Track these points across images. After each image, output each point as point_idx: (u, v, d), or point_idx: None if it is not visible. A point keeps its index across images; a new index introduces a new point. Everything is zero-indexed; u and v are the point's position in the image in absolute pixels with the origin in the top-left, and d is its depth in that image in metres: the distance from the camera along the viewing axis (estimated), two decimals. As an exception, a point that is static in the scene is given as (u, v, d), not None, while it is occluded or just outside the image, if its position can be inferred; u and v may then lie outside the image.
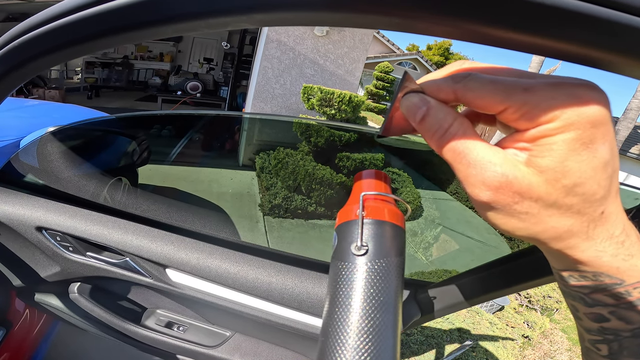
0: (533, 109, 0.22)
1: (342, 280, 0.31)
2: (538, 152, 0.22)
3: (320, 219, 2.82)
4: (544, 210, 0.22)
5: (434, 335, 2.52)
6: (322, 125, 2.59)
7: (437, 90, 0.26)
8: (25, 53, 0.40)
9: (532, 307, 3.25)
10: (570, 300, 0.27)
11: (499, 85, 0.23)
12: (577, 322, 0.28)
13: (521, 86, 0.22)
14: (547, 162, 0.22)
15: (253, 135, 3.09)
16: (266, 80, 5.08)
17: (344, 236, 0.33)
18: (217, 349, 0.93)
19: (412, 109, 0.27)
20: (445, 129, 0.25)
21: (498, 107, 0.23)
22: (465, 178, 0.24)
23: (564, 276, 0.26)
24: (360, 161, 2.62)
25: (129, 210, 0.93)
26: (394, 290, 0.30)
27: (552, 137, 0.21)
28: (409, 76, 0.28)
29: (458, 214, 3.15)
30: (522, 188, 0.22)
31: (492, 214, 0.24)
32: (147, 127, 1.45)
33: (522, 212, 0.23)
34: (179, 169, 2.77)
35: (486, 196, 0.23)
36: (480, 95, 0.24)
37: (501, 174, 0.22)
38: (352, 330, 0.28)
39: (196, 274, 0.81)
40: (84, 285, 0.95)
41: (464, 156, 0.24)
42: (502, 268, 0.62)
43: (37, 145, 0.96)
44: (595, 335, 0.26)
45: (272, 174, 2.81)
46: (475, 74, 0.24)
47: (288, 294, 0.78)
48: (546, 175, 0.22)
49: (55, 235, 0.86)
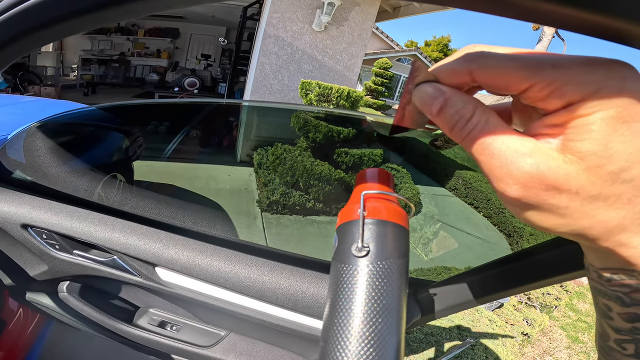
0: (565, 85, 0.19)
1: (343, 283, 0.29)
2: (574, 135, 0.19)
3: (318, 215, 2.80)
4: (587, 204, 0.19)
5: (433, 333, 2.51)
6: (320, 121, 2.56)
7: (451, 74, 0.24)
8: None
9: (531, 305, 3.25)
10: (604, 300, 0.24)
11: (522, 61, 0.20)
12: (606, 321, 0.25)
13: (549, 62, 0.19)
14: (587, 146, 0.18)
15: (251, 131, 3.06)
16: (264, 76, 5.04)
17: (345, 237, 0.31)
18: (211, 348, 0.90)
19: (427, 100, 0.24)
20: (466, 119, 0.22)
21: (522, 85, 0.20)
22: (490, 171, 0.21)
23: (605, 275, 0.23)
24: (358, 157, 2.59)
25: (122, 208, 0.90)
26: (396, 293, 0.28)
27: (589, 116, 0.18)
28: (420, 64, 0.25)
29: (457, 210, 3.13)
30: (557, 179, 0.19)
31: (524, 211, 0.21)
32: (129, 117, 1.42)
33: (561, 207, 0.20)
34: (175, 165, 2.74)
35: (515, 191, 0.20)
36: (500, 73, 0.21)
37: (531, 164, 0.19)
38: (353, 335, 0.27)
39: (186, 272, 0.78)
40: (73, 284, 0.93)
41: (486, 146, 0.21)
42: (504, 268, 0.60)
43: (23, 140, 0.93)
44: (625, 335, 0.24)
45: (270, 170, 2.79)
46: (491, 52, 0.22)
47: (282, 293, 0.75)
48: (587, 161, 0.19)
49: (41, 233, 0.83)
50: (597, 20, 0.19)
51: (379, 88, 13.40)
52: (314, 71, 5.20)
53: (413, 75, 0.25)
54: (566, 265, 0.49)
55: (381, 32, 15.41)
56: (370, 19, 5.25)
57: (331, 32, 5.08)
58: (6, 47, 0.43)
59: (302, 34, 4.96)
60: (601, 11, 0.18)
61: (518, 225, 2.74)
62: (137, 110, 1.24)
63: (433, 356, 2.29)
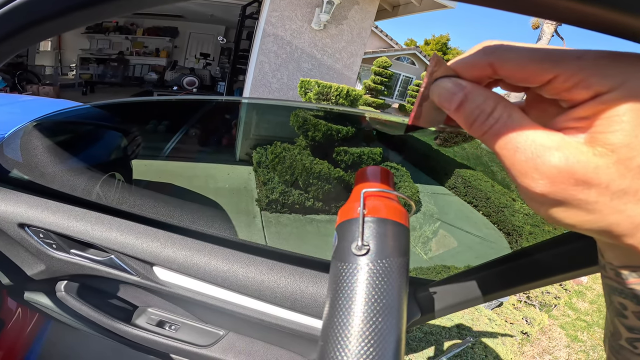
0: (591, 76, 0.18)
1: (343, 282, 0.29)
2: (604, 127, 0.18)
3: (317, 214, 2.79)
4: (617, 198, 0.18)
5: (432, 331, 2.51)
6: (319, 120, 2.55)
7: (471, 67, 0.23)
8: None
9: (530, 303, 3.25)
10: (620, 298, 0.23)
11: (545, 52, 0.20)
12: (619, 320, 0.24)
13: (573, 54, 0.19)
14: (618, 138, 0.18)
15: (250, 130, 3.05)
16: (263, 75, 5.03)
17: (344, 235, 0.31)
18: (210, 348, 0.90)
19: (446, 95, 0.24)
20: (488, 114, 0.22)
21: (545, 76, 0.20)
22: (513, 166, 0.20)
23: (624, 273, 0.22)
24: (358, 155, 2.59)
25: (121, 207, 0.89)
26: (397, 292, 0.28)
27: (618, 107, 0.18)
28: (440, 59, 0.24)
29: (456, 208, 3.13)
30: (587, 173, 0.18)
31: (550, 207, 0.20)
32: (125, 114, 1.41)
33: (590, 202, 0.19)
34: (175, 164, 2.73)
35: (542, 186, 0.19)
36: (523, 64, 0.20)
37: (559, 158, 0.19)
38: (353, 334, 0.26)
39: (184, 271, 0.77)
40: (70, 284, 0.92)
41: (509, 140, 0.20)
42: (504, 267, 0.60)
43: (20, 139, 0.92)
44: (638, 334, 0.23)
45: (269, 168, 2.78)
46: (510, 44, 0.21)
47: (280, 292, 0.74)
48: (618, 154, 0.18)
49: (38, 232, 0.82)
50: (601, 14, 0.18)
51: (378, 87, 13.39)
52: (313, 70, 5.19)
53: (432, 70, 0.24)
54: (566, 265, 0.49)
55: (380, 30, 15.39)
56: (370, 18, 5.24)
57: (330, 31, 5.07)
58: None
59: (301, 32, 4.95)
60: (605, 5, 0.18)
61: (517, 223, 2.74)
62: (133, 108, 1.23)
63: (433, 355, 2.29)
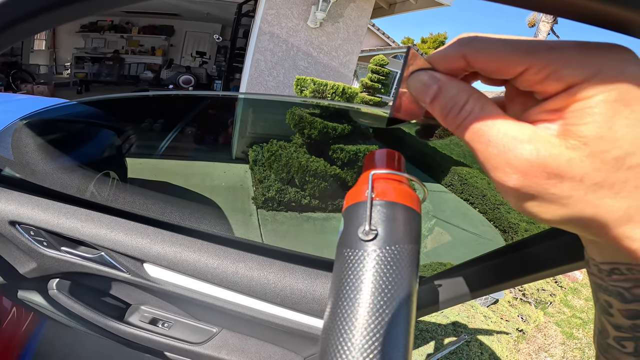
0: (563, 67, 0.18)
1: (348, 269, 0.27)
2: (576, 119, 0.18)
3: (314, 212, 2.79)
4: (592, 192, 0.18)
5: (428, 329, 2.51)
6: (315, 118, 2.55)
7: (444, 59, 0.23)
8: None
9: (526, 301, 3.26)
10: (605, 296, 0.23)
11: (516, 43, 0.19)
12: (606, 318, 0.24)
13: (546, 44, 0.19)
14: (590, 130, 0.17)
15: (246, 128, 3.04)
16: (259, 73, 5.01)
17: (351, 220, 0.28)
18: (203, 345, 0.89)
19: (421, 88, 0.23)
20: (460, 106, 0.21)
21: (517, 68, 0.19)
22: (486, 160, 0.20)
23: (605, 270, 0.22)
24: (354, 153, 2.58)
25: (113, 205, 0.89)
26: (406, 282, 0.26)
27: (590, 99, 0.17)
28: (414, 52, 0.24)
29: (453, 206, 3.13)
30: (560, 167, 0.18)
31: (524, 201, 0.20)
32: (113, 111, 1.39)
33: (564, 197, 0.18)
34: (169, 162, 2.72)
35: (514, 180, 0.19)
36: (495, 56, 0.20)
37: (530, 151, 0.18)
38: (358, 327, 0.24)
39: (174, 268, 0.77)
40: (62, 282, 0.92)
41: (482, 134, 0.20)
42: (497, 261, 0.59)
43: (11, 137, 0.91)
44: (625, 333, 0.23)
45: (266, 166, 2.77)
46: (485, 36, 0.21)
47: (270, 289, 0.74)
48: (591, 146, 0.17)
49: (29, 230, 0.82)
50: (598, 7, 0.18)
51: (375, 85, 13.38)
52: (310, 68, 5.18)
53: (407, 63, 0.24)
54: (561, 258, 0.49)
55: (377, 28, 15.36)
56: (366, 16, 5.23)
57: (326, 29, 5.06)
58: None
59: (297, 30, 4.93)
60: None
61: (513, 221, 2.75)
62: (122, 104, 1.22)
63: (429, 352, 2.30)
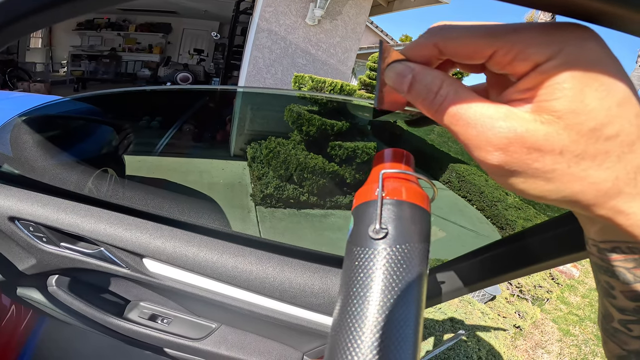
0: (527, 47, 0.19)
1: (358, 268, 0.27)
2: (547, 96, 0.18)
3: (312, 209, 2.79)
4: (575, 164, 0.18)
5: (425, 325, 2.52)
6: (313, 115, 2.55)
7: (417, 49, 0.24)
8: None
9: (523, 297, 3.28)
10: (606, 277, 0.23)
11: (483, 28, 0.20)
12: (609, 301, 0.24)
13: (509, 27, 0.20)
14: (562, 104, 0.18)
15: (244, 125, 3.04)
16: (257, 70, 5.00)
17: (361, 218, 0.29)
18: (202, 341, 0.90)
19: (397, 79, 0.24)
20: (435, 92, 0.22)
21: (486, 51, 0.20)
22: (467, 141, 0.21)
23: (605, 248, 0.22)
24: (352, 150, 2.59)
25: (112, 201, 0.89)
26: (417, 280, 0.26)
27: (558, 75, 0.18)
28: (386, 45, 0.25)
29: (451, 203, 3.14)
30: (538, 141, 0.18)
31: (509, 178, 0.20)
32: (114, 108, 1.39)
33: (547, 171, 0.19)
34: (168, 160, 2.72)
35: (497, 158, 0.20)
36: (464, 42, 0.21)
37: (508, 128, 0.19)
38: (367, 325, 0.24)
39: (173, 262, 0.77)
40: (62, 278, 0.92)
41: (459, 116, 0.21)
42: (496, 253, 0.60)
43: (10, 134, 0.91)
44: (629, 315, 0.23)
45: (264, 163, 2.77)
46: (454, 24, 0.22)
47: (269, 283, 0.74)
48: (565, 120, 0.18)
49: (28, 226, 0.82)
50: (590, 4, 0.18)
51: (373, 82, 13.38)
52: (308, 65, 5.17)
53: (383, 56, 0.25)
54: (558, 250, 0.49)
55: (375, 26, 15.31)
56: (364, 13, 5.23)
57: (325, 26, 5.05)
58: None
59: (295, 28, 4.92)
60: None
61: (510, 217, 2.76)
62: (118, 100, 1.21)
63: (426, 349, 2.31)
